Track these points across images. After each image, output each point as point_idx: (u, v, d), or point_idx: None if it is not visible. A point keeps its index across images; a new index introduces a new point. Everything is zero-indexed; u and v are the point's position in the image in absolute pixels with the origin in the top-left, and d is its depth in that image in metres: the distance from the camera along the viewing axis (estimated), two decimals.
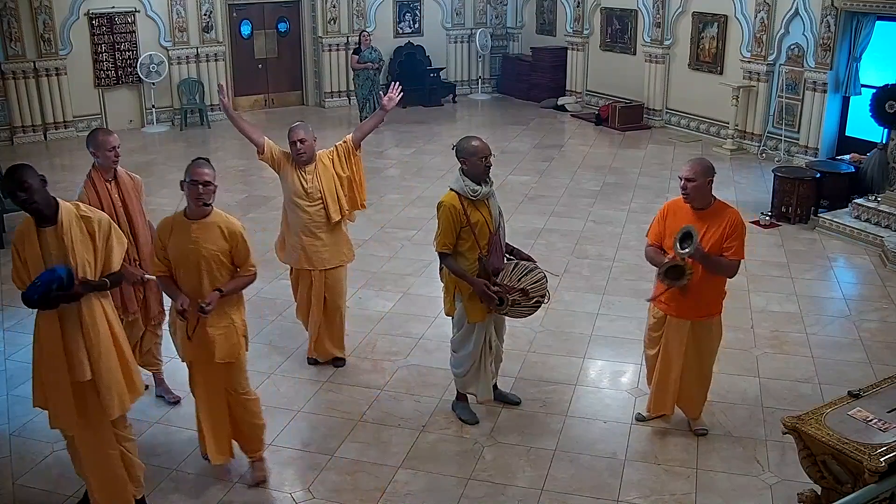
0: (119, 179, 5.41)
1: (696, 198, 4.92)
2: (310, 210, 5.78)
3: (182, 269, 4.58)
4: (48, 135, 13.48)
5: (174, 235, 4.57)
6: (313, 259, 5.89)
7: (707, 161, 4.99)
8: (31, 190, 4.12)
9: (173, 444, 5.27)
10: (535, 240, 8.81)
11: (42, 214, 4.17)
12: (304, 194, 5.75)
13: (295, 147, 5.67)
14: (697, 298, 4.96)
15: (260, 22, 15.56)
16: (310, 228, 5.82)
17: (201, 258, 4.53)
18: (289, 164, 5.76)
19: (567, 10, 15.99)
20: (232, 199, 10.10)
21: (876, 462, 3.47)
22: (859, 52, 10.88)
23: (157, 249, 4.66)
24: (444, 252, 5.10)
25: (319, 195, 5.76)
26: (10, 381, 6.07)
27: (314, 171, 5.75)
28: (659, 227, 5.12)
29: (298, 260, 5.94)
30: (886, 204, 8.79)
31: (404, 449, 5.24)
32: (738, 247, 4.93)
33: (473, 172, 5.05)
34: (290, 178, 5.76)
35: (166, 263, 4.63)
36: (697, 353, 5.16)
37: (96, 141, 5.35)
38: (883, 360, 6.27)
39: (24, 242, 4.21)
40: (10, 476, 4.98)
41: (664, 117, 14.26)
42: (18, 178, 4.12)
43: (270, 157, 5.76)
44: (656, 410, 5.43)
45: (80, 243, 4.20)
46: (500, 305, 5.06)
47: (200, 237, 4.53)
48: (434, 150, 12.68)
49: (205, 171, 4.50)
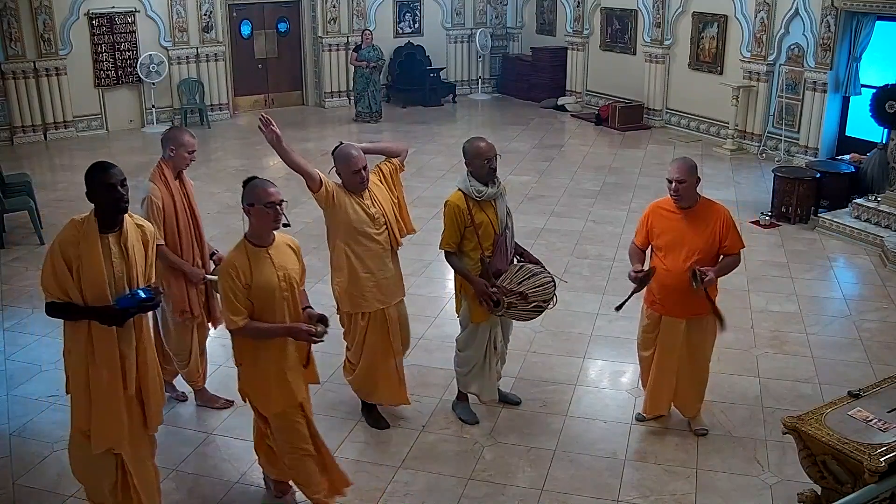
0: (183, 178, 5.39)
1: (685, 198, 4.95)
2: (379, 238, 5.09)
3: (271, 302, 4.15)
4: (48, 135, 13.48)
5: (256, 270, 4.11)
6: (387, 293, 5.21)
7: (691, 160, 5.02)
8: (127, 188, 3.93)
9: (173, 444, 5.27)
10: (535, 240, 8.80)
11: (121, 217, 3.96)
12: (371, 222, 5.04)
13: (360, 176, 4.94)
14: (692, 297, 4.97)
15: (260, 22, 15.56)
16: (382, 259, 5.15)
17: (294, 283, 4.22)
18: (344, 195, 5.00)
19: (567, 10, 15.99)
20: (233, 200, 10.09)
21: (876, 462, 3.47)
22: (859, 52, 10.88)
23: (238, 296, 4.07)
24: (449, 251, 5.13)
25: (384, 220, 5.12)
26: (10, 381, 6.06)
27: (371, 197, 5.08)
28: (643, 230, 5.16)
29: (372, 301, 5.15)
30: (886, 204, 8.79)
31: (404, 449, 5.24)
32: (736, 239, 5.00)
33: (478, 174, 5.06)
34: (352, 208, 4.98)
35: (249, 307, 4.13)
36: (693, 352, 5.17)
37: (180, 139, 5.23)
38: (883, 360, 6.27)
39: (81, 248, 3.88)
40: (10, 476, 4.97)
41: (664, 117, 14.27)
42: (119, 174, 3.90)
43: (326, 192, 4.92)
44: (652, 412, 5.42)
45: (138, 252, 4.03)
46: (496, 307, 5.05)
47: (284, 262, 4.20)
48: (434, 150, 12.66)
49: (275, 189, 4.12)
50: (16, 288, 7.69)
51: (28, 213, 9.00)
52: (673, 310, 5.06)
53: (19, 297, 7.43)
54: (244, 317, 4.11)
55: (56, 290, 3.90)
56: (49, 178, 11.65)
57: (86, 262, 3.87)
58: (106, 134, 14.07)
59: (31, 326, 6.75)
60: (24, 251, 8.68)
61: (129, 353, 4.03)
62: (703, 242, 4.93)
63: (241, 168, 11.89)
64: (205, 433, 5.44)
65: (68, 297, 3.90)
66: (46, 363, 6.11)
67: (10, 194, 9.31)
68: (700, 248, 4.92)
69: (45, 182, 11.09)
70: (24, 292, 7.47)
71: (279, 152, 4.89)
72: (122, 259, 3.96)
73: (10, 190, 9.43)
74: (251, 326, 4.14)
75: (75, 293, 3.89)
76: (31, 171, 10.95)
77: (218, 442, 5.36)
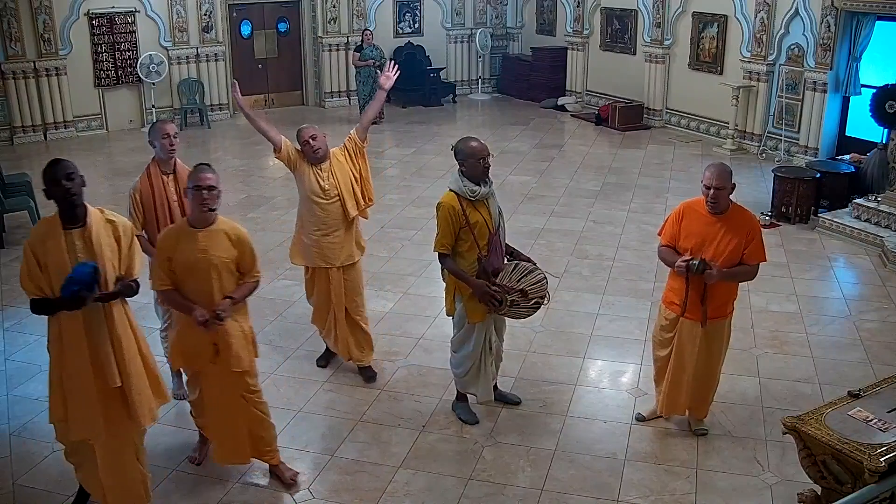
0: (178, 174, 5.41)
1: (721, 204, 4.91)
2: (328, 208, 5.72)
3: (191, 280, 4.44)
4: (48, 135, 13.48)
5: (180, 246, 4.42)
6: (329, 256, 5.82)
7: (728, 166, 5.01)
8: (75, 181, 4.04)
9: (173, 444, 5.27)
10: (535, 240, 8.80)
11: (75, 211, 4.07)
12: (321, 192, 5.69)
13: (309, 145, 5.64)
14: (712, 300, 4.95)
15: (260, 22, 15.57)
16: (328, 225, 5.76)
17: (211, 267, 4.41)
18: (305, 164, 5.70)
19: (567, 10, 15.99)
20: (232, 200, 10.09)
21: (876, 462, 3.47)
22: (859, 52, 10.88)
23: (161, 262, 4.47)
24: (443, 253, 5.10)
25: (336, 192, 5.71)
26: (10, 381, 6.06)
27: (329, 169, 5.71)
28: (674, 229, 5.08)
29: (314, 259, 5.86)
30: (886, 204, 8.79)
31: (404, 449, 5.24)
32: (757, 250, 4.95)
33: (472, 174, 5.04)
34: (307, 176, 5.69)
35: (172, 276, 4.47)
36: (709, 355, 5.14)
37: (156, 128, 5.41)
38: (883, 360, 6.27)
39: (46, 244, 4.04)
40: (10, 476, 4.97)
41: (664, 117, 14.26)
42: (65, 168, 4.04)
43: (287, 157, 5.70)
44: (669, 411, 5.41)
45: (108, 247, 4.12)
46: (498, 306, 5.06)
47: (209, 245, 4.42)
48: (434, 150, 12.67)
49: (208, 175, 4.38)
50: (16, 288, 7.65)
51: (28, 213, 9.00)
52: (693, 312, 5.03)
53: (19, 297, 7.40)
54: (166, 284, 4.49)
55: (32, 288, 4.06)
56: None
57: (50, 256, 4.02)
58: (106, 134, 14.07)
59: (31, 326, 6.74)
60: None
61: (101, 344, 4.12)
62: (729, 249, 4.89)
63: (242, 168, 11.91)
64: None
65: (43, 292, 4.04)
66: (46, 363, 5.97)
67: (10, 194, 9.31)
68: (725, 254, 4.88)
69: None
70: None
71: (245, 115, 5.91)
72: (88, 254, 4.05)
73: (10, 190, 9.44)
74: (166, 294, 4.54)
75: (48, 288, 4.03)
76: (31, 171, 10.94)
77: None
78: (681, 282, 4.99)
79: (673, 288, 5.12)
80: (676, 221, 5.09)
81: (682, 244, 5.02)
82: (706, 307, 4.97)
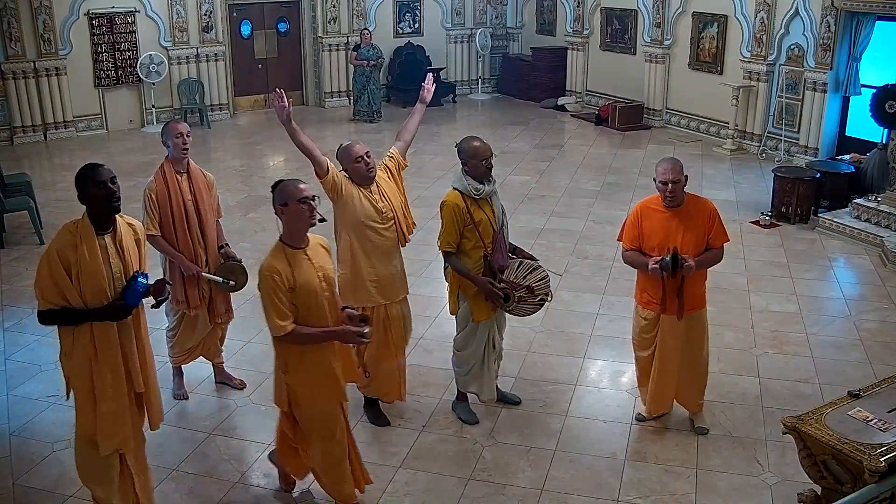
0: (191, 174, 5.43)
1: (678, 197, 4.97)
2: (385, 233, 5.07)
3: (316, 304, 4.10)
4: (48, 135, 13.47)
5: (298, 272, 4.04)
6: (389, 291, 5.18)
7: (678, 159, 5.07)
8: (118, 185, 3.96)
9: (173, 444, 5.27)
10: (535, 240, 8.80)
11: (113, 216, 3.99)
12: (377, 216, 5.02)
13: (364, 162, 4.96)
14: (688, 292, 4.99)
15: (260, 22, 15.56)
16: (387, 254, 5.12)
17: (331, 283, 4.17)
18: (353, 187, 5.00)
19: (567, 10, 15.99)
20: (233, 199, 10.10)
21: (876, 462, 3.47)
22: (859, 52, 10.88)
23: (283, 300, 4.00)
24: (448, 251, 5.12)
25: (392, 215, 5.10)
26: (10, 381, 6.06)
27: (379, 191, 5.07)
28: (635, 232, 5.12)
29: (374, 296, 5.12)
30: (886, 204, 8.79)
31: (404, 449, 5.24)
32: (720, 233, 5.04)
33: (474, 173, 5.07)
34: (358, 200, 4.98)
35: (294, 311, 4.05)
36: (692, 347, 5.18)
37: (169, 128, 5.41)
38: (883, 360, 6.27)
39: (80, 251, 3.87)
40: (10, 476, 4.97)
41: (664, 117, 14.26)
42: (110, 171, 3.94)
43: (333, 180, 4.94)
44: (656, 410, 5.42)
45: (132, 251, 4.07)
46: (506, 302, 5.07)
47: (320, 262, 4.14)
48: (434, 150, 12.67)
49: (304, 185, 4.08)
50: (16, 288, 7.69)
51: (28, 213, 9.00)
52: (670, 308, 5.06)
53: (19, 297, 7.43)
54: (291, 321, 4.04)
55: (55, 297, 3.87)
56: (49, 178, 11.64)
57: (85, 264, 3.87)
58: (106, 134, 14.06)
59: (31, 326, 6.74)
60: (24, 251, 8.68)
61: (131, 350, 4.06)
62: (693, 239, 4.95)
63: (242, 168, 11.89)
64: (205, 433, 5.44)
65: (67, 302, 3.88)
66: (46, 363, 6.11)
67: (10, 194, 9.31)
68: (692, 244, 4.94)
69: (44, 182, 11.10)
70: (24, 292, 7.46)
71: (288, 130, 4.97)
72: (119, 258, 3.99)
73: (10, 190, 9.43)
74: (299, 332, 4.06)
75: (75, 297, 3.87)
76: (31, 171, 10.96)
77: (218, 442, 5.35)
78: (655, 280, 5.00)
79: (646, 287, 5.14)
80: (635, 225, 5.12)
81: (646, 244, 5.05)
82: (682, 300, 4.99)
